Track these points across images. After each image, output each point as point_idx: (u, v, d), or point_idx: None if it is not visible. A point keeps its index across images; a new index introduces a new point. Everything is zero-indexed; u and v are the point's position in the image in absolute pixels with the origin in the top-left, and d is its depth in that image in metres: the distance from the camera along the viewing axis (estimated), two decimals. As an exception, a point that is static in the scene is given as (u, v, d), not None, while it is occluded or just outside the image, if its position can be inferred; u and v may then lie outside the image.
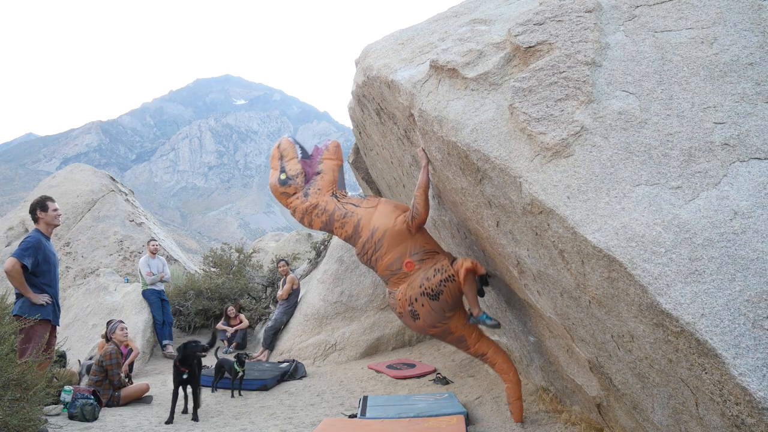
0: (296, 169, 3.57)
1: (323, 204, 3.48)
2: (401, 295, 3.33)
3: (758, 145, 1.95)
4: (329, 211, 3.45)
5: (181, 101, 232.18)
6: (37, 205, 4.36)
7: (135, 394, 5.00)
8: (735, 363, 1.56)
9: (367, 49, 3.95)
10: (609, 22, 2.50)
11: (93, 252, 11.15)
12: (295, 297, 8.13)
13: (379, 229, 3.32)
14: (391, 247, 3.31)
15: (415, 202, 3.28)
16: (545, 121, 2.27)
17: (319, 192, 3.49)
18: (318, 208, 3.48)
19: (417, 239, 3.35)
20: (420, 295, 3.26)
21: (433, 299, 3.25)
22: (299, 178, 3.54)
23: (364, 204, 3.46)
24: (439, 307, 3.28)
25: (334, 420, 3.89)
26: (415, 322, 3.37)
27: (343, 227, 3.44)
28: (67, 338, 7.08)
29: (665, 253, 1.79)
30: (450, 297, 3.28)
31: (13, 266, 4.04)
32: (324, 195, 3.49)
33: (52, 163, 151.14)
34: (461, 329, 3.44)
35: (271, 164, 3.70)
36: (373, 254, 3.37)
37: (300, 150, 3.64)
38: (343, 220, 3.42)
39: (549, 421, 3.46)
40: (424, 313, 3.29)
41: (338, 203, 3.46)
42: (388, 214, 3.36)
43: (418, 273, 3.29)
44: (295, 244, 13.35)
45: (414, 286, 3.28)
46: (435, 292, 3.24)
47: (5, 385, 3.20)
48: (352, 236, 3.46)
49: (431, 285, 3.24)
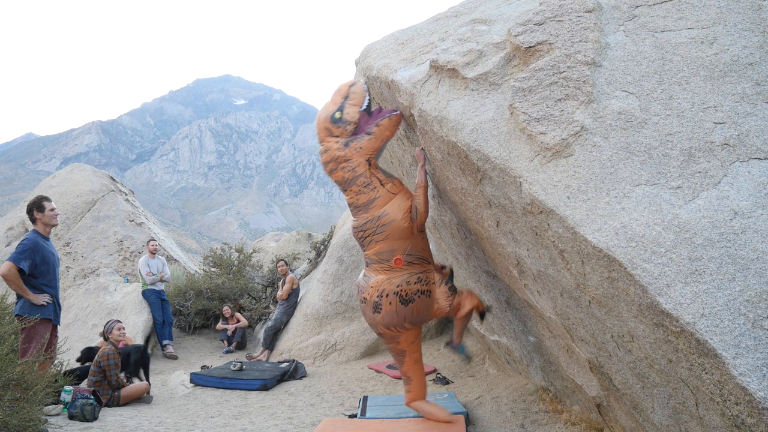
0: (354, 116, 3.39)
1: (355, 163, 3.36)
2: (375, 283, 3.30)
3: (758, 145, 1.95)
4: (357, 172, 3.35)
5: (181, 101, 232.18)
6: (33, 206, 4.35)
7: (135, 393, 5.01)
8: (735, 363, 1.56)
9: (367, 49, 3.95)
10: (609, 22, 2.50)
11: (93, 252, 11.15)
12: (294, 297, 8.14)
13: (388, 215, 3.27)
14: (391, 238, 3.27)
15: (416, 202, 3.27)
16: (545, 121, 2.27)
17: (360, 151, 3.35)
18: (349, 163, 3.37)
19: (417, 242, 3.34)
20: (393, 293, 3.24)
21: (403, 304, 3.25)
22: (350, 126, 3.38)
23: (388, 186, 3.38)
24: (404, 314, 3.27)
25: (334, 420, 3.89)
26: (372, 315, 3.34)
27: (359, 194, 3.36)
28: (67, 338, 7.08)
29: (665, 253, 1.79)
30: (418, 310, 3.28)
31: (9, 270, 4.04)
32: (361, 156, 3.36)
33: (52, 163, 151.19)
34: (407, 346, 3.44)
35: (333, 97, 3.51)
36: (371, 235, 3.33)
37: (367, 102, 3.44)
38: (363, 188, 3.34)
39: (549, 421, 3.46)
40: (387, 311, 3.27)
41: (368, 170, 3.36)
42: (402, 208, 3.30)
43: (403, 273, 3.27)
44: (295, 244, 13.35)
45: (393, 282, 3.26)
46: (408, 298, 3.24)
47: (5, 385, 3.20)
48: (361, 207, 3.38)
49: (408, 290, 3.24)
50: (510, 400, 4.05)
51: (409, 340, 3.43)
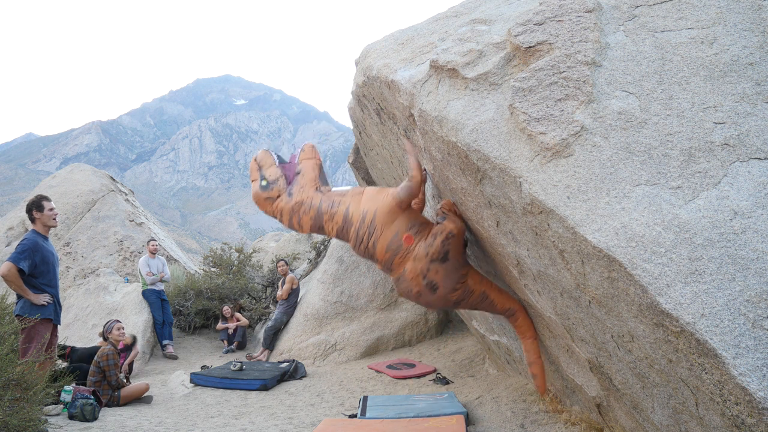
0: (276, 173, 3.54)
1: (308, 200, 3.40)
2: (411, 273, 3.23)
3: (758, 145, 1.95)
4: (315, 205, 3.37)
5: (181, 101, 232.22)
6: (33, 206, 4.35)
7: (135, 393, 5.01)
8: (735, 363, 1.56)
9: (367, 49, 3.95)
10: (609, 22, 2.50)
11: (93, 252, 11.15)
12: (294, 297, 8.14)
13: (369, 211, 3.25)
14: (385, 226, 3.23)
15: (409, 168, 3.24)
16: (545, 121, 2.27)
17: (303, 189, 3.43)
18: (304, 205, 3.40)
19: (409, 214, 3.30)
20: (430, 262, 3.18)
21: (444, 261, 3.19)
22: (280, 181, 3.51)
23: (350, 193, 3.40)
24: (453, 266, 3.21)
25: (334, 420, 3.89)
26: (435, 294, 3.26)
27: (333, 219, 3.35)
28: (67, 338, 7.08)
29: (665, 253, 1.79)
30: (457, 253, 3.23)
31: (9, 270, 4.04)
32: (308, 191, 3.43)
33: (52, 163, 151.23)
34: (479, 284, 3.36)
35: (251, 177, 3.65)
36: (369, 239, 3.28)
37: (276, 157, 3.64)
38: (332, 211, 3.34)
39: (549, 421, 3.46)
40: (441, 278, 3.20)
41: (324, 197, 3.39)
42: (374, 197, 3.30)
43: (419, 245, 3.21)
44: (295, 244, 13.35)
45: (420, 257, 3.19)
46: (442, 253, 3.17)
47: (5, 385, 3.20)
48: (344, 227, 3.36)
49: (436, 249, 3.17)
50: (510, 400, 4.05)
51: (476, 279, 3.36)
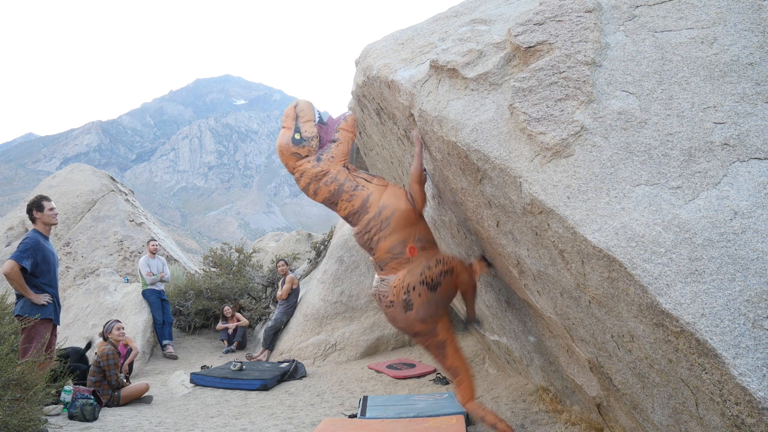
0: (312, 131, 3.37)
1: (335, 173, 3.32)
2: (397, 282, 3.20)
3: (758, 145, 1.95)
4: (340, 180, 3.31)
5: (181, 101, 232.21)
6: (33, 205, 4.36)
7: (135, 393, 5.01)
8: (735, 363, 1.56)
9: (367, 49, 3.95)
10: (609, 22, 2.50)
11: (93, 252, 11.15)
12: (294, 297, 8.14)
13: (388, 207, 3.21)
14: (398, 228, 3.20)
15: (411, 191, 3.24)
16: (545, 121, 2.27)
17: (332, 160, 3.33)
18: (328, 176, 3.32)
19: (421, 226, 3.30)
20: (419, 283, 3.15)
21: (432, 290, 3.16)
22: (314, 141, 3.36)
23: (375, 181, 3.35)
24: (436, 299, 3.19)
25: (334, 420, 3.89)
26: (406, 314, 3.22)
27: (351, 200, 3.30)
28: (67, 338, 7.08)
29: (665, 253, 1.79)
30: (445, 291, 3.22)
31: (12, 268, 4.04)
32: (336, 164, 3.34)
33: (52, 163, 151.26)
34: (446, 333, 3.35)
35: (284, 123, 3.48)
36: (377, 233, 3.24)
37: (318, 114, 3.44)
38: (353, 192, 3.29)
39: (549, 421, 3.46)
40: (420, 303, 3.17)
41: (350, 175, 3.33)
42: (398, 196, 3.26)
43: (420, 260, 3.19)
44: (295, 244, 13.35)
45: (414, 273, 3.16)
46: (434, 283, 3.16)
47: (5, 385, 3.20)
48: (358, 212, 3.31)
49: (432, 275, 3.15)
50: (510, 400, 4.05)
51: (445, 326, 3.32)
